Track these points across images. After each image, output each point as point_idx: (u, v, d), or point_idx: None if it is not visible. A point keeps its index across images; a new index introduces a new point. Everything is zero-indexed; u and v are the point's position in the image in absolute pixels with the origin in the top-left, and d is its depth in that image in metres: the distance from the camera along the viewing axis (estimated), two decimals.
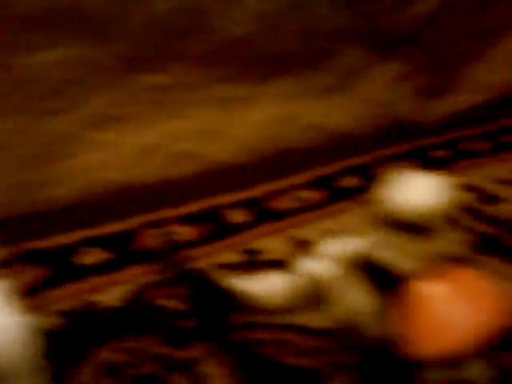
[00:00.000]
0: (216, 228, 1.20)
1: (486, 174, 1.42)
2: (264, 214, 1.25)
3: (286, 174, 1.35)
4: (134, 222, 1.20)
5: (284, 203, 1.28)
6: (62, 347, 0.90)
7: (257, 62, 1.33)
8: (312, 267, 0.62)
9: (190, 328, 0.94)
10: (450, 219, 0.56)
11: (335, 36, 1.40)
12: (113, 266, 1.10)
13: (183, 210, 1.24)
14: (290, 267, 0.64)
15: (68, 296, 1.02)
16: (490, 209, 1.27)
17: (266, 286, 0.63)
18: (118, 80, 1.22)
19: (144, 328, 0.95)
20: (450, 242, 0.57)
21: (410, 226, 0.55)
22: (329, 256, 0.61)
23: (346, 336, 0.61)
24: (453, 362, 0.56)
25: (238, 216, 1.24)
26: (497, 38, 1.69)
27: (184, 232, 1.19)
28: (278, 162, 1.37)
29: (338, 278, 0.60)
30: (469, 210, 1.27)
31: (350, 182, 1.36)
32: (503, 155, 1.52)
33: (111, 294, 1.03)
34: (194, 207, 1.25)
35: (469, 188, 1.35)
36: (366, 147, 1.44)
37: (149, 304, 1.00)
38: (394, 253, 0.55)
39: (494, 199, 1.31)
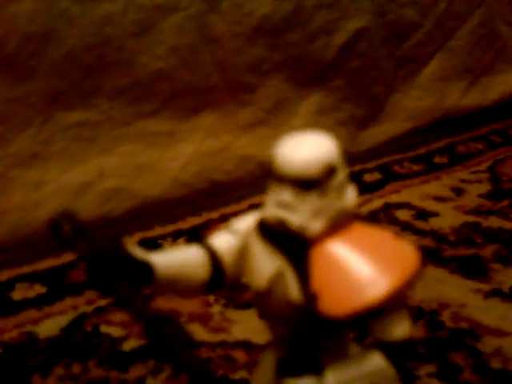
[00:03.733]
0: None
1: (419, 193, 1.45)
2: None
3: (218, 206, 1.35)
4: (66, 258, 1.18)
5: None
6: (8, 377, 0.90)
7: (178, 96, 1.33)
8: (221, 240, 0.61)
9: (129, 351, 0.93)
10: (343, 175, 0.56)
11: (255, 68, 1.42)
12: (49, 299, 1.08)
13: None
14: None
15: (7, 329, 1.00)
16: (424, 223, 1.30)
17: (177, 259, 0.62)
18: (43, 117, 1.21)
19: (85, 354, 0.93)
20: (345, 198, 0.57)
21: (300, 183, 0.55)
22: (239, 229, 0.61)
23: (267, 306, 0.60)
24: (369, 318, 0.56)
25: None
26: (418, 65, 1.74)
27: None
28: (208, 194, 1.37)
29: (246, 248, 0.59)
30: (405, 226, 1.29)
31: None
32: (435, 174, 1.56)
33: (49, 324, 1.01)
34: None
35: (404, 206, 1.38)
36: None
37: (87, 331, 0.99)
38: (288, 211, 0.55)
39: (427, 214, 1.34)
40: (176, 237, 1.25)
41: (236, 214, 1.30)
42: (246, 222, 0.61)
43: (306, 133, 0.58)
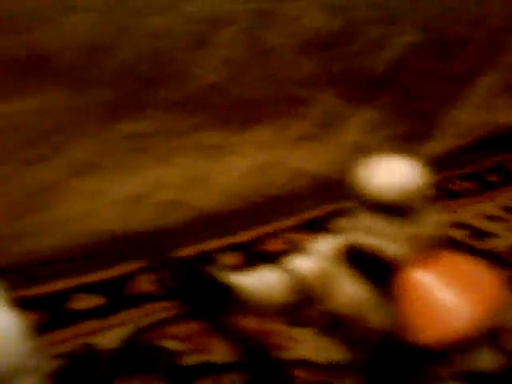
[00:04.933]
0: None
1: (474, 212, 1.43)
2: (255, 257, 1.23)
3: (272, 219, 1.34)
4: (125, 268, 1.18)
5: (274, 246, 1.27)
6: None
7: (231, 108, 1.34)
8: (304, 264, 0.61)
9: (190, 365, 0.93)
10: (428, 200, 0.56)
11: (307, 82, 1.43)
12: (107, 311, 1.08)
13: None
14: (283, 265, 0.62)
15: (66, 339, 1.00)
16: (480, 243, 1.29)
17: (261, 282, 0.61)
18: (99, 127, 1.22)
19: (145, 368, 0.93)
20: (433, 224, 0.56)
21: (393, 210, 0.54)
22: (320, 253, 0.61)
23: (348, 330, 0.59)
24: (458, 348, 0.55)
25: (229, 259, 1.22)
26: (470, 80, 1.73)
27: None
28: (263, 207, 1.36)
29: (330, 273, 0.59)
30: (462, 246, 1.27)
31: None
32: (489, 193, 1.54)
33: (109, 336, 1.01)
34: (185, 253, 1.23)
35: (459, 225, 1.36)
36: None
37: (147, 345, 0.99)
38: (382, 238, 0.54)
39: (483, 234, 1.33)
40: (230, 250, 1.25)
41: (290, 228, 1.32)
42: (326, 246, 0.60)
43: (392, 158, 0.58)
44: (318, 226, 1.34)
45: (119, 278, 1.17)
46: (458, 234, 1.32)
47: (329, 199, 1.40)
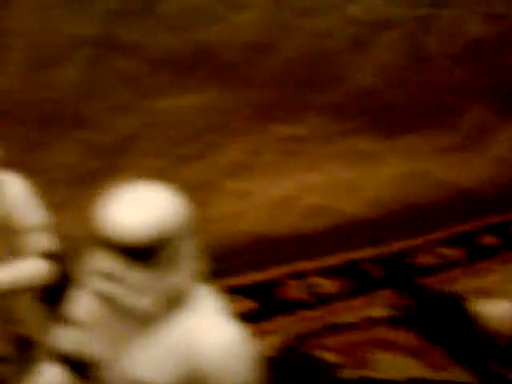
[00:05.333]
0: (358, 281, 1.16)
1: None
2: (405, 269, 1.19)
3: (416, 231, 1.30)
4: (273, 272, 1.16)
5: (423, 259, 1.23)
6: None
7: (384, 115, 1.30)
8: None
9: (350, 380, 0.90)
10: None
11: (460, 91, 1.38)
12: (260, 316, 1.06)
13: (321, 262, 1.19)
14: None
15: None
16: None
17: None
18: (253, 128, 1.20)
19: (301, 378, 0.91)
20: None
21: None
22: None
23: None
24: None
25: (377, 271, 1.19)
26: None
27: (326, 284, 1.14)
28: (407, 218, 1.32)
29: None
30: None
31: (489, 240, 1.30)
32: None
33: (262, 342, 0.98)
34: (332, 260, 1.20)
35: None
36: (496, 206, 1.38)
37: (303, 354, 0.96)
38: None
39: None
40: (377, 262, 1.21)
41: (438, 242, 1.27)
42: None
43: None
44: (467, 241, 1.29)
45: (270, 282, 1.15)
46: None
47: (473, 213, 1.36)
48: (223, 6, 1.11)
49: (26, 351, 0.68)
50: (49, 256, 0.72)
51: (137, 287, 0.46)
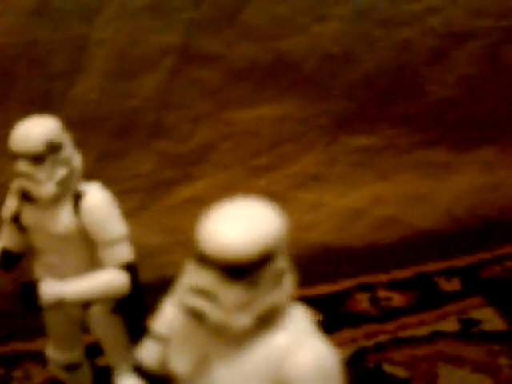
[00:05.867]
0: (428, 295, 1.15)
1: None
2: (474, 284, 1.18)
3: (488, 245, 1.28)
4: (343, 284, 1.16)
5: (491, 272, 1.22)
6: None
7: (461, 126, 1.28)
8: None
9: None
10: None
11: None
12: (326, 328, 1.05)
13: (392, 275, 1.19)
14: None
15: None
16: None
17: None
18: (329, 139, 1.19)
19: None
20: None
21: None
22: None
23: None
24: None
25: (448, 284, 1.18)
26: None
27: (395, 298, 1.14)
28: (481, 231, 1.30)
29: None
30: None
31: None
32: None
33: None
34: (402, 273, 1.19)
35: None
36: None
37: (371, 368, 0.96)
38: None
39: None
40: (450, 275, 1.20)
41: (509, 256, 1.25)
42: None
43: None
44: None
45: (337, 294, 1.15)
46: None
47: None
48: (305, 16, 1.09)
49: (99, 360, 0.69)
50: (127, 267, 0.73)
51: (235, 305, 0.45)
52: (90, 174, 0.75)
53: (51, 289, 0.71)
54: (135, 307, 0.77)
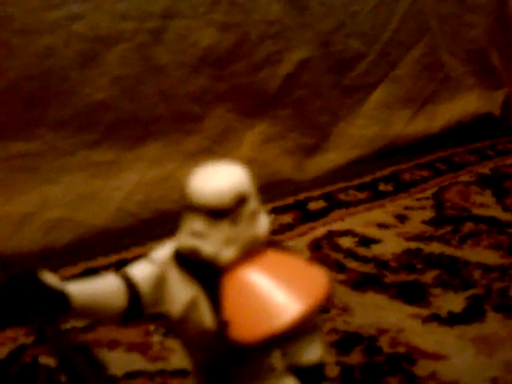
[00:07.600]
0: None
1: (362, 220, 1.47)
2: None
3: (164, 235, 1.34)
4: None
5: None
6: None
7: (122, 125, 1.34)
8: (139, 271, 0.61)
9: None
10: (249, 201, 0.58)
11: (199, 98, 1.44)
12: None
13: (61, 274, 1.21)
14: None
15: None
16: (367, 250, 1.32)
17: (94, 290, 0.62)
18: None
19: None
20: (255, 224, 0.59)
21: (214, 212, 0.57)
22: (157, 259, 0.62)
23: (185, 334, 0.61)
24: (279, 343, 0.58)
25: None
26: (363, 94, 1.77)
27: None
28: (155, 223, 1.37)
29: (163, 277, 0.60)
30: (348, 253, 1.30)
31: None
32: (379, 202, 1.58)
33: None
34: (71, 271, 1.22)
35: (347, 233, 1.39)
36: None
37: (24, 362, 0.97)
38: (201, 240, 0.57)
39: (370, 241, 1.36)
40: (119, 267, 1.24)
41: None
42: (164, 251, 0.61)
43: (219, 163, 0.60)
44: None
45: None
46: (345, 242, 1.35)
47: None
48: None
49: None
50: None
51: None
52: None
53: None
54: None
